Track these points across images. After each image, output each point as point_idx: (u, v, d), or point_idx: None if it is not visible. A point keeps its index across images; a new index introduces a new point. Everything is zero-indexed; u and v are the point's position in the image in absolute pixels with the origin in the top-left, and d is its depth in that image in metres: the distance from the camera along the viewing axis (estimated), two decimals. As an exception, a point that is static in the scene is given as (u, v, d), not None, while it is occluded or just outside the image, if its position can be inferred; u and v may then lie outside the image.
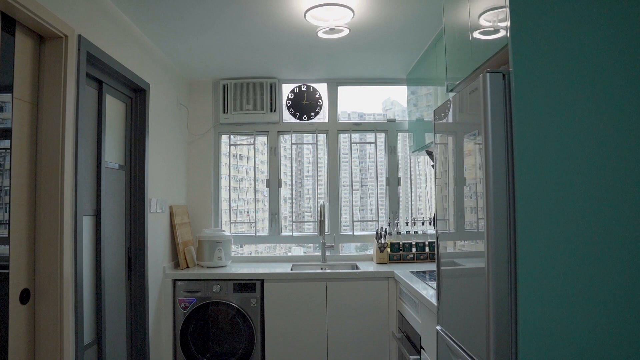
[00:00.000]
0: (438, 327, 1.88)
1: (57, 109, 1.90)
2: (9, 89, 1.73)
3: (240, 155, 3.98)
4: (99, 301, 2.32)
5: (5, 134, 1.70)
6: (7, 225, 1.71)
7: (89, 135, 2.26)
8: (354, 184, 3.91)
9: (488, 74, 1.37)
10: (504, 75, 1.37)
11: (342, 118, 3.95)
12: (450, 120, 1.73)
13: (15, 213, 1.74)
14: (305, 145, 3.98)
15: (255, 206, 3.85)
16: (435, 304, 1.96)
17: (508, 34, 1.36)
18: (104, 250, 2.36)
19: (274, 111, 3.74)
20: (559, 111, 1.34)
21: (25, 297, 1.79)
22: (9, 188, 1.71)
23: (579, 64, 1.35)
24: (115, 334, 2.52)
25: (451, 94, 1.92)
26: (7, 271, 1.70)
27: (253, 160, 3.89)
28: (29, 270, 1.82)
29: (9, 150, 1.71)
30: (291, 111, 3.82)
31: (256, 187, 3.88)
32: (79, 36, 2.02)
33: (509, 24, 1.36)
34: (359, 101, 4.05)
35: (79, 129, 2.02)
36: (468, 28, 1.74)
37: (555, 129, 1.33)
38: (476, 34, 1.66)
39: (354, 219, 3.87)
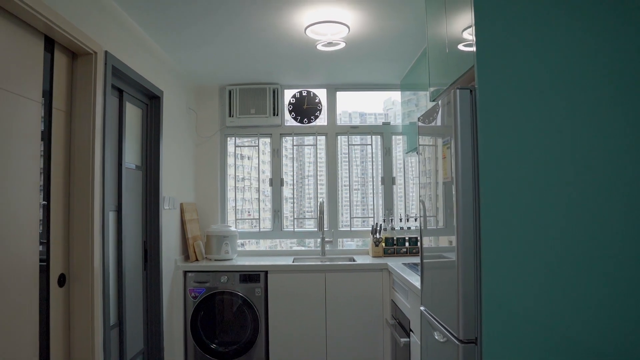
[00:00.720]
0: (422, 308, 2.14)
1: (87, 116, 2.17)
2: (49, 100, 2.00)
3: (244, 156, 4.25)
4: (120, 288, 2.58)
5: (45, 139, 1.97)
6: (47, 218, 1.97)
7: (112, 139, 2.53)
8: (352, 183, 4.17)
9: (458, 90, 1.63)
10: (471, 90, 1.63)
11: (344, 117, 4.22)
12: (431, 126, 2.00)
13: (53, 208, 2.01)
14: (305, 147, 4.24)
15: (259, 204, 4.12)
16: (420, 288, 2.23)
17: (474, 58, 1.62)
18: (124, 243, 2.63)
19: (277, 115, 4.00)
20: (518, 123, 1.60)
21: (62, 280, 2.06)
22: (49, 187, 1.98)
23: (536, 82, 1.61)
24: (134, 318, 2.79)
25: (432, 104, 2.18)
26: (47, 259, 1.97)
27: (257, 160, 4.16)
28: (65, 258, 2.09)
29: (43, 153, 1.98)
30: (293, 115, 4.09)
31: (260, 186, 4.15)
32: (106, 52, 2.29)
33: (474, 49, 1.62)
34: (361, 101, 4.31)
35: (105, 133, 2.29)
36: (446, 44, 2.01)
37: (513, 138, 1.59)
38: (452, 50, 1.92)
39: (352, 216, 4.13)
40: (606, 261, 1.56)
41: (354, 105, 4.31)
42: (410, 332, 2.67)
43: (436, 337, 1.88)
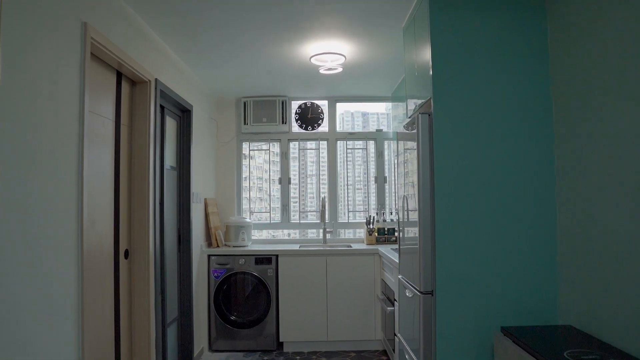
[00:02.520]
0: (399, 276, 2.80)
1: (144, 129, 2.83)
2: (117, 118, 2.67)
3: (257, 158, 4.91)
4: (162, 265, 3.25)
5: (115, 148, 2.64)
6: (117, 206, 2.64)
7: (158, 146, 3.19)
8: (349, 181, 4.83)
9: (420, 115, 2.29)
10: (429, 115, 2.29)
11: (347, 117, 4.88)
12: (406, 138, 2.65)
13: (121, 198, 2.68)
14: (309, 150, 4.91)
15: (270, 199, 4.78)
16: (398, 262, 2.89)
17: (432, 91, 2.28)
18: (165, 230, 3.29)
19: (285, 123, 4.66)
20: (462, 141, 2.25)
21: (126, 254, 2.73)
22: (118, 182, 2.65)
23: (473, 109, 2.26)
24: (172, 291, 3.46)
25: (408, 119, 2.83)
26: (117, 238, 2.64)
27: (268, 162, 4.82)
28: (128, 237, 2.76)
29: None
30: (298, 123, 4.75)
31: (270, 183, 4.82)
32: (156, 79, 2.96)
33: (431, 86, 2.28)
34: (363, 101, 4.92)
35: (155, 142, 2.95)
36: (415, 68, 2.65)
37: (458, 153, 2.25)
38: (420, 73, 2.55)
39: (349, 210, 4.80)
40: (517, 239, 2.24)
41: (357, 105, 4.92)
42: (394, 302, 3.33)
43: (407, 294, 2.54)
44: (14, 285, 1.57)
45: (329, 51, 3.25)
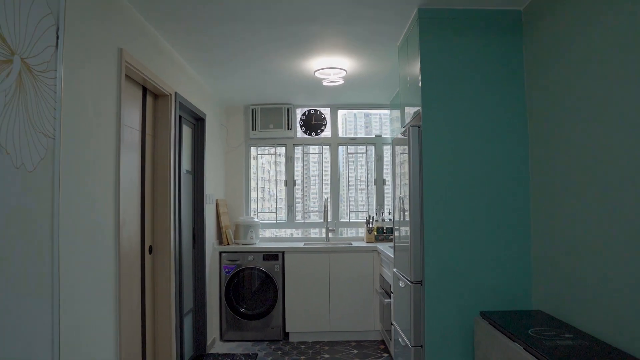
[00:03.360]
0: (394, 270, 3.12)
1: (166, 138, 3.16)
2: (143, 128, 3.00)
3: (264, 161, 5.24)
4: (180, 261, 3.57)
5: (141, 154, 2.97)
6: (142, 206, 2.97)
7: (177, 152, 3.52)
8: (350, 183, 5.16)
9: (411, 127, 2.61)
10: (419, 127, 2.61)
11: (349, 117, 5.20)
12: (401, 143, 2.97)
13: (146, 199, 3.01)
14: (312, 155, 5.23)
15: (276, 200, 5.11)
16: (393, 257, 3.21)
17: (421, 107, 2.60)
18: (182, 228, 3.62)
19: (290, 129, 4.99)
20: (448, 149, 2.57)
21: (150, 249, 3.06)
22: (143, 185, 2.97)
23: (456, 122, 2.58)
24: (188, 284, 3.78)
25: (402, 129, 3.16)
26: (143, 235, 2.97)
27: (274, 166, 5.15)
28: (152, 234, 3.09)
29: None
30: (303, 129, 5.08)
31: (276, 185, 5.15)
32: (175, 93, 3.29)
33: (421, 103, 2.60)
34: (364, 109, 5.25)
35: (174, 149, 3.28)
36: (408, 80, 2.97)
37: (444, 160, 2.57)
38: (411, 85, 2.87)
39: (350, 210, 5.12)
40: (495, 235, 2.55)
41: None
42: (391, 294, 3.65)
43: (400, 285, 2.87)
44: (74, 275, 1.90)
45: (331, 66, 3.58)
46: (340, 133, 5.19)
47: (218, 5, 2.58)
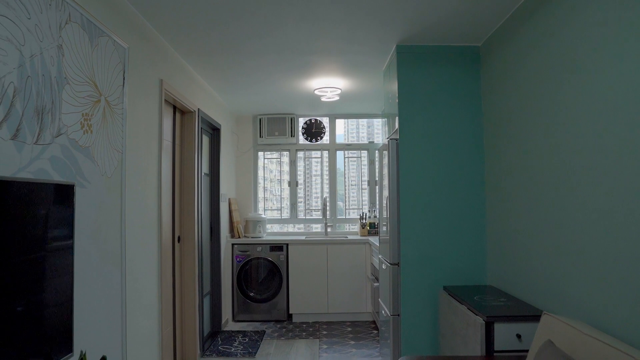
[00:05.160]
0: (379, 256, 3.78)
1: (191, 147, 3.83)
2: (174, 140, 3.66)
3: (270, 165, 5.90)
4: (201, 250, 4.24)
5: (172, 161, 3.64)
6: (173, 203, 3.63)
7: (199, 159, 4.18)
8: (346, 184, 5.81)
9: (389, 140, 3.26)
10: (396, 141, 3.26)
11: (348, 124, 5.86)
12: (385, 151, 3.62)
13: (177, 197, 3.67)
14: (313, 159, 5.89)
15: (281, 199, 5.77)
16: (378, 246, 3.86)
17: (398, 124, 3.26)
18: (202, 222, 4.28)
19: (293, 136, 5.65)
20: (418, 158, 3.23)
21: (178, 239, 3.72)
22: (174, 186, 3.64)
23: (430, 135, 3.24)
24: (206, 270, 4.45)
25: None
26: (173, 226, 3.63)
27: (279, 168, 5.81)
28: (180, 226, 3.76)
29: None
30: (304, 136, 5.73)
31: (281, 186, 5.81)
32: (198, 109, 3.95)
33: (397, 121, 3.25)
34: (358, 118, 5.94)
35: (197, 156, 3.94)
36: (389, 96, 3.62)
37: (415, 168, 3.22)
38: (391, 100, 3.52)
39: (346, 207, 5.78)
40: (457, 226, 3.21)
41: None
42: (379, 279, 4.30)
43: (383, 267, 3.53)
44: (133, 252, 2.56)
45: (328, 85, 4.24)
46: (343, 131, 5.85)
47: (235, 41, 3.24)
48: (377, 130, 5.96)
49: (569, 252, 2.14)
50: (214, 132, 4.76)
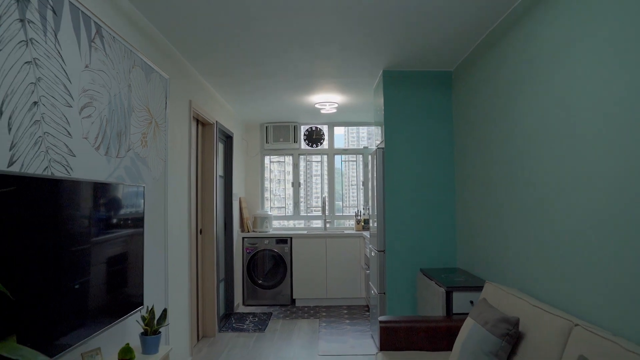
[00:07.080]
0: (370, 246, 4.47)
1: (210, 154, 4.52)
2: (197, 148, 4.35)
3: (275, 167, 6.59)
4: (217, 242, 4.92)
5: (195, 165, 4.33)
6: (196, 201, 4.32)
7: (215, 163, 4.87)
8: (343, 184, 6.49)
9: (377, 149, 3.95)
10: (383, 150, 3.95)
11: (347, 126, 6.55)
12: (374, 157, 4.31)
13: (199, 196, 4.36)
14: (314, 162, 6.58)
15: (285, 198, 6.47)
16: (369, 237, 4.55)
17: (384, 135, 3.94)
18: (218, 218, 4.97)
19: (296, 142, 6.34)
20: (400, 166, 3.92)
21: (200, 231, 4.41)
22: (197, 186, 4.33)
23: (410, 146, 3.92)
24: (221, 260, 5.14)
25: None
26: (197, 221, 4.32)
27: (284, 171, 6.50)
28: (202, 221, 4.45)
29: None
30: (306, 142, 6.42)
31: (285, 186, 6.50)
32: (216, 122, 4.64)
33: (383, 132, 3.94)
34: (354, 126, 6.63)
35: (214, 161, 4.63)
36: (377, 109, 4.31)
37: (398, 172, 3.91)
38: (378, 110, 4.20)
39: (343, 205, 6.47)
40: (433, 220, 3.90)
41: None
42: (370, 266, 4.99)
43: (372, 254, 4.22)
44: (172, 239, 3.25)
45: (327, 100, 4.93)
46: (339, 140, 6.54)
47: (247, 63, 3.93)
48: (363, 138, 6.64)
49: (512, 238, 2.83)
50: (227, 139, 5.45)
